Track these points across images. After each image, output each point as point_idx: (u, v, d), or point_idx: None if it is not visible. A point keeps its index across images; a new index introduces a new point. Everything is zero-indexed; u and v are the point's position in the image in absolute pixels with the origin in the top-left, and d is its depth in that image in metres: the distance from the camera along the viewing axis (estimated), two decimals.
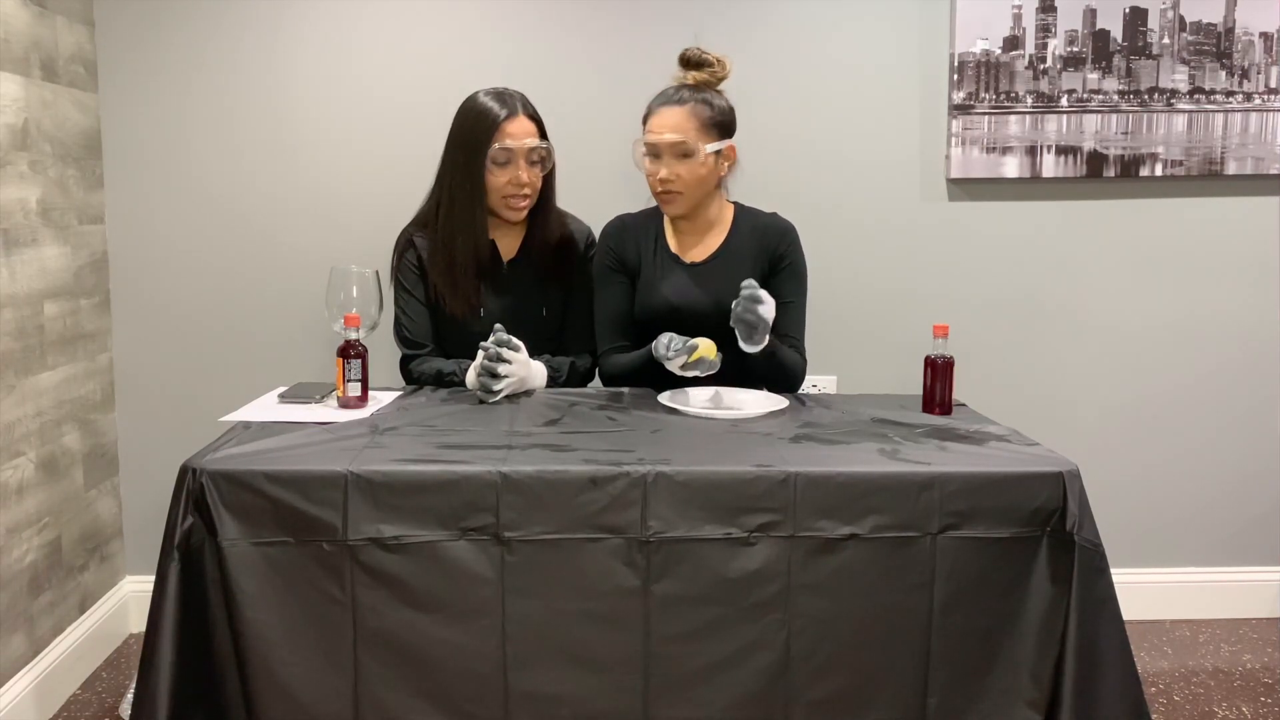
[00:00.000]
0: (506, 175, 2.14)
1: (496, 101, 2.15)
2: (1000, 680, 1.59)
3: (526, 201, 2.19)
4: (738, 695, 1.57)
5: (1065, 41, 2.64)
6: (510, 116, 2.14)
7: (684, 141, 2.07)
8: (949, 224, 2.72)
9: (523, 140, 2.14)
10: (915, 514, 1.56)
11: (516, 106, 2.16)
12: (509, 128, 2.13)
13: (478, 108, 2.16)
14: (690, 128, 2.08)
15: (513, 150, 2.13)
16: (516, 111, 2.15)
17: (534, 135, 2.16)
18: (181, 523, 1.53)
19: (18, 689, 2.18)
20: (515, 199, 2.17)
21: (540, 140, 2.17)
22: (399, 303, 2.24)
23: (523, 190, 2.17)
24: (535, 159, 2.17)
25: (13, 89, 2.19)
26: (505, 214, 2.20)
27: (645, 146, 2.11)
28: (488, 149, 2.12)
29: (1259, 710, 2.35)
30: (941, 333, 1.97)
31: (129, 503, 2.72)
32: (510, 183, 2.15)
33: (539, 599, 1.55)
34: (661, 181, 2.10)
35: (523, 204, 2.19)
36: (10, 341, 2.19)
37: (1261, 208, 2.74)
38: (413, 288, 2.23)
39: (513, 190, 2.16)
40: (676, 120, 2.08)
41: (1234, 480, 2.83)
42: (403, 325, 2.24)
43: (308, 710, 1.55)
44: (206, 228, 2.64)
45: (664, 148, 2.08)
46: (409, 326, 2.23)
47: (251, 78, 2.60)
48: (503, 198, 2.17)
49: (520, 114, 2.15)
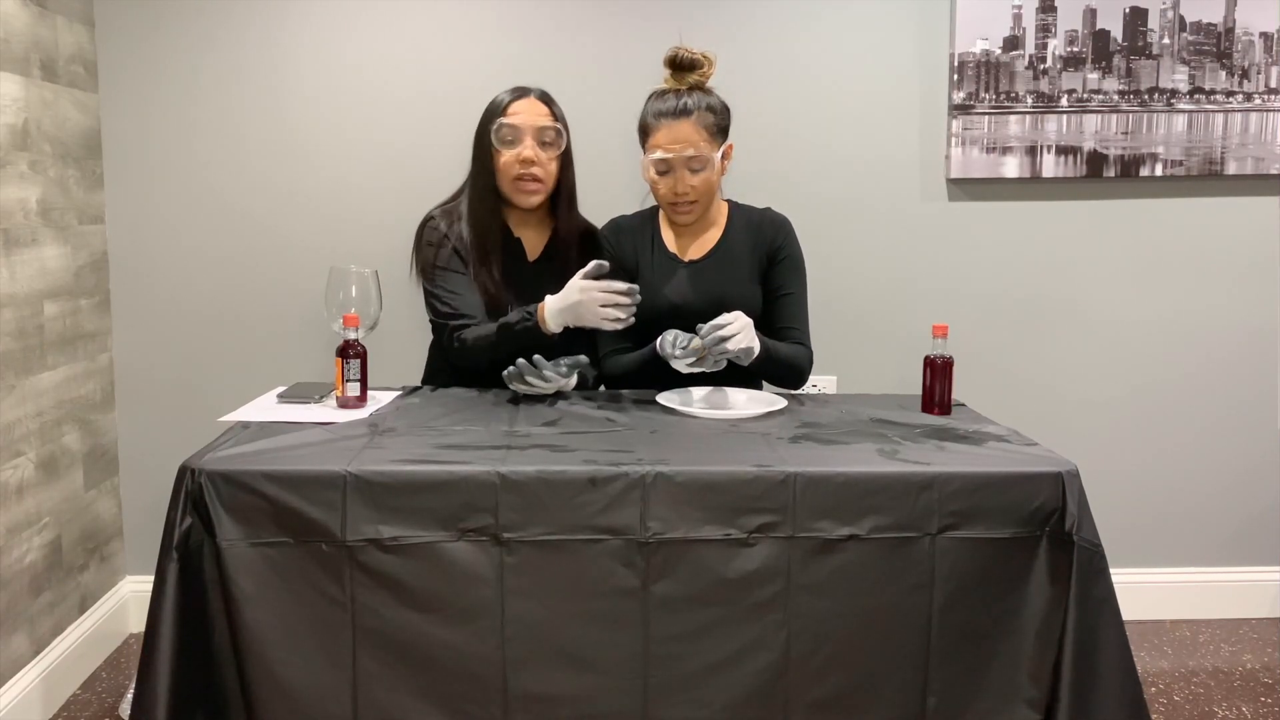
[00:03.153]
0: (513, 153, 2.12)
1: (510, 90, 2.16)
2: (999, 680, 1.59)
3: (538, 184, 2.14)
4: (737, 696, 1.57)
5: (1065, 41, 2.64)
6: (519, 98, 2.13)
7: (699, 155, 2.07)
8: (949, 224, 2.72)
9: (529, 118, 2.12)
10: (915, 514, 1.56)
11: (528, 91, 2.15)
12: (515, 106, 2.12)
13: (493, 99, 2.16)
14: (701, 139, 2.07)
15: (518, 128, 2.11)
16: (527, 94, 2.14)
17: (544, 115, 2.14)
18: (180, 523, 1.53)
19: (18, 689, 2.19)
20: (524, 180, 2.12)
21: (552, 121, 2.14)
22: (437, 282, 2.15)
23: (531, 170, 2.12)
24: (545, 140, 2.14)
25: (13, 89, 2.19)
26: (517, 198, 2.15)
27: (657, 163, 2.08)
28: (492, 128, 2.12)
29: (1259, 710, 2.35)
30: (941, 333, 1.97)
31: (129, 503, 2.72)
32: (517, 161, 2.11)
33: (538, 600, 1.55)
34: (678, 195, 2.10)
35: (533, 186, 2.14)
36: (10, 341, 2.19)
37: (1261, 208, 2.74)
38: (451, 263, 2.15)
39: (520, 169, 2.12)
40: (686, 133, 2.06)
41: (1234, 480, 2.83)
42: (443, 300, 2.14)
43: (307, 710, 1.55)
44: (206, 228, 2.64)
45: (679, 162, 2.07)
46: (451, 301, 2.13)
47: (252, 78, 2.60)
48: (512, 179, 2.13)
49: (530, 96, 2.14)
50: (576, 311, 1.98)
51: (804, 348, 2.17)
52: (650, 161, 2.10)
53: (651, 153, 2.09)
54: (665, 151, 2.07)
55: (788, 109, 2.66)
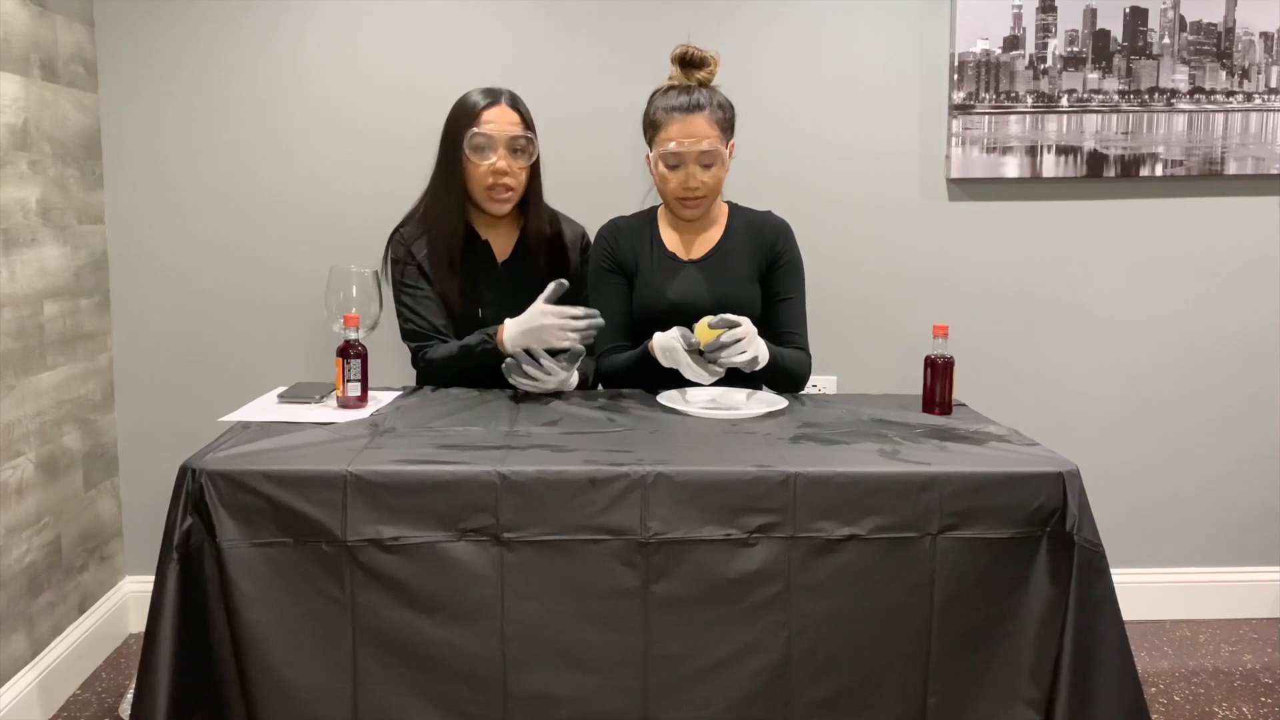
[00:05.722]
0: (486, 162, 2.13)
1: (481, 94, 2.16)
2: (1000, 680, 1.59)
3: (509, 193, 2.17)
4: (737, 696, 1.57)
5: (1065, 41, 2.64)
6: (491, 105, 2.14)
7: (714, 150, 2.07)
8: (949, 224, 2.72)
9: (502, 127, 2.13)
10: (915, 514, 1.56)
11: (500, 98, 2.16)
12: (489, 115, 2.13)
13: (462, 101, 2.17)
14: (714, 134, 2.08)
15: (491, 137, 2.13)
16: (499, 101, 2.15)
17: (516, 124, 2.16)
18: (181, 523, 1.53)
19: (18, 689, 2.18)
20: (496, 189, 2.15)
21: (523, 130, 2.17)
22: (403, 301, 2.22)
23: (503, 179, 2.14)
24: (517, 148, 2.16)
25: (13, 89, 2.19)
26: (489, 206, 2.18)
27: (669, 157, 2.08)
28: (465, 136, 2.13)
29: (1259, 710, 2.35)
30: (941, 333, 1.97)
31: (129, 503, 2.72)
32: (490, 170, 2.13)
33: (538, 600, 1.55)
34: (689, 190, 2.10)
35: (505, 195, 2.17)
36: (10, 341, 2.19)
37: (1261, 208, 2.74)
38: (415, 281, 2.21)
39: (492, 179, 2.14)
40: (700, 127, 2.07)
41: (1234, 480, 2.83)
42: (409, 319, 2.21)
43: (307, 710, 1.55)
44: (206, 228, 2.64)
45: (692, 157, 2.07)
46: (416, 321, 2.20)
47: (251, 78, 2.60)
48: (484, 188, 2.16)
49: (503, 104, 2.16)
50: (539, 335, 2.01)
51: (804, 354, 2.17)
52: (661, 155, 2.09)
53: (664, 146, 2.08)
54: (678, 145, 2.07)
55: (788, 109, 2.66)
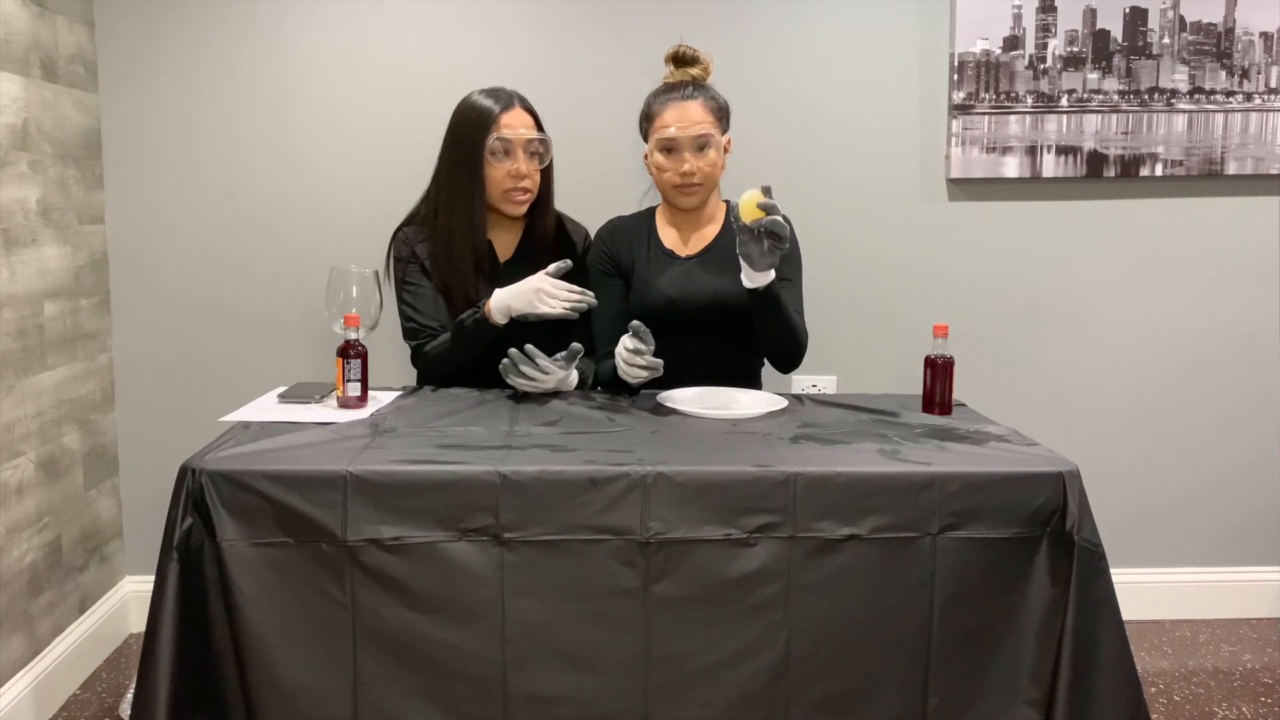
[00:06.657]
0: (506, 167, 2.14)
1: (492, 98, 2.16)
2: (1000, 680, 1.59)
3: (527, 195, 2.19)
4: (738, 696, 1.57)
5: (1065, 41, 2.64)
6: (507, 109, 2.15)
7: (707, 133, 2.09)
8: (949, 224, 2.72)
9: (520, 131, 2.14)
10: (915, 514, 1.56)
11: (513, 100, 2.17)
12: (506, 119, 2.14)
13: (475, 104, 2.17)
14: (708, 120, 2.10)
15: (511, 141, 2.13)
16: (513, 104, 2.16)
17: (531, 127, 2.17)
18: (181, 523, 1.53)
19: (17, 689, 2.18)
20: (515, 192, 2.17)
21: (538, 132, 2.18)
22: (405, 299, 2.22)
23: (522, 182, 2.16)
24: (533, 151, 2.17)
25: (13, 89, 2.19)
26: (506, 208, 2.20)
27: (664, 142, 2.10)
28: (486, 142, 2.13)
29: (1259, 710, 2.35)
30: (941, 333, 1.97)
31: (129, 503, 2.72)
32: (510, 175, 2.15)
33: (539, 600, 1.55)
34: (684, 175, 2.11)
35: (523, 197, 2.19)
36: (10, 341, 2.19)
37: (1261, 208, 2.73)
38: (418, 280, 2.21)
39: (512, 183, 2.16)
40: (695, 113, 2.09)
41: (1234, 480, 2.83)
42: (411, 318, 2.20)
43: (307, 711, 1.55)
44: (206, 228, 2.64)
45: (686, 141, 2.09)
46: (418, 319, 2.19)
47: (252, 77, 2.60)
48: (503, 191, 2.17)
49: (517, 106, 2.16)
50: (527, 297, 2.03)
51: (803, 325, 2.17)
52: (657, 142, 2.12)
53: (659, 133, 2.10)
54: (674, 130, 2.09)
55: (787, 109, 2.65)
